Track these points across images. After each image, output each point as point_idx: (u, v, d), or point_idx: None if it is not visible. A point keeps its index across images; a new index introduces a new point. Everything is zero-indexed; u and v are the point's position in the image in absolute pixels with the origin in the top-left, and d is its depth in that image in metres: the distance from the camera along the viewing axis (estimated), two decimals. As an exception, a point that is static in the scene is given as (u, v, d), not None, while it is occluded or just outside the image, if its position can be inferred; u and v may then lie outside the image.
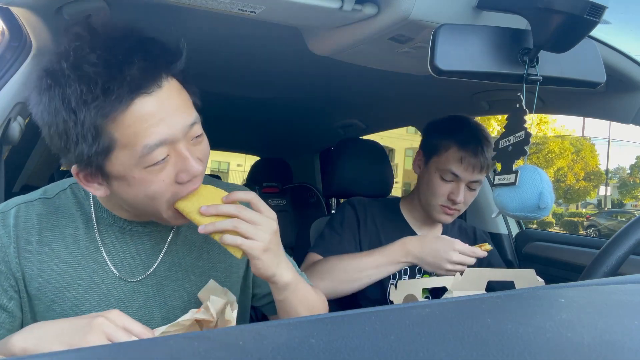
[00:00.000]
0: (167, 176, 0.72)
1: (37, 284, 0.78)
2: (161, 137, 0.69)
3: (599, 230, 18.13)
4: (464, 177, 1.30)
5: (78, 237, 0.82)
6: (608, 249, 0.82)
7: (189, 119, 0.72)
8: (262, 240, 0.76)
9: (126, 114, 0.66)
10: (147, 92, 0.67)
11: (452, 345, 0.34)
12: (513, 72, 0.88)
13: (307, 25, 1.08)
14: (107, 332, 0.63)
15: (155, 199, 0.74)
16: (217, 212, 0.75)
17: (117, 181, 0.73)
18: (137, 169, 0.70)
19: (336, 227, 1.38)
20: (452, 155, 1.30)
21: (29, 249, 0.79)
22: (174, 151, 0.71)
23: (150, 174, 0.71)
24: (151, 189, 0.72)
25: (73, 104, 0.65)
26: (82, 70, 0.65)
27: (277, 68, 1.55)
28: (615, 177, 27.75)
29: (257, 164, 3.06)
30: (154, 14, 1.09)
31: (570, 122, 26.29)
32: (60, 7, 0.92)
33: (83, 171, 0.72)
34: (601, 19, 0.77)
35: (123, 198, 0.76)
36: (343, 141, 1.76)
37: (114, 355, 0.33)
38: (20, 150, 2.04)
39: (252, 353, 0.32)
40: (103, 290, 0.81)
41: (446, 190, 1.31)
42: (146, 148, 0.68)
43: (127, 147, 0.68)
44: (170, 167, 0.72)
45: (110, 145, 0.68)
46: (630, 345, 0.37)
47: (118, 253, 0.83)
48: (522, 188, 0.89)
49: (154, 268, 0.85)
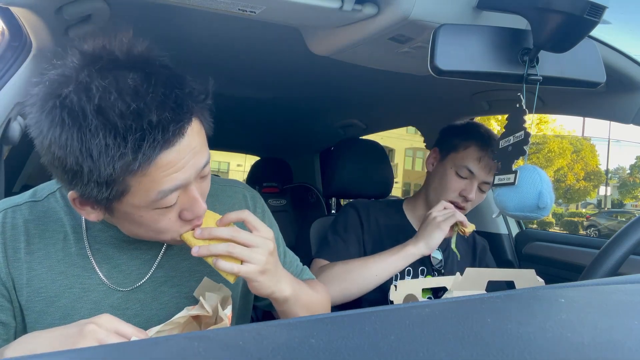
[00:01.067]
0: (174, 215, 0.71)
1: (26, 294, 0.75)
2: (177, 183, 0.66)
3: (599, 230, 18.13)
4: (478, 176, 1.33)
5: (68, 243, 0.78)
6: (608, 249, 0.82)
7: (203, 161, 0.70)
8: (259, 262, 0.73)
9: (150, 168, 0.63)
10: (172, 144, 0.64)
11: (452, 345, 0.34)
12: (513, 72, 0.88)
13: (307, 25, 1.08)
14: (99, 338, 0.61)
15: (157, 233, 0.73)
16: (210, 235, 0.73)
17: (119, 216, 0.70)
18: (146, 210, 0.68)
19: (340, 231, 1.38)
20: (472, 154, 1.34)
21: (17, 257, 0.76)
22: (184, 193, 0.70)
23: (157, 214, 0.69)
24: (156, 226, 0.71)
25: (95, 154, 0.60)
26: (108, 120, 0.59)
27: (277, 68, 1.55)
28: (615, 177, 27.76)
29: (257, 164, 3.06)
30: (154, 14, 1.09)
31: (570, 122, 26.31)
32: (60, 7, 0.92)
33: (81, 199, 0.68)
34: (601, 19, 0.77)
35: (122, 226, 0.74)
36: (343, 141, 1.77)
37: (114, 355, 0.33)
38: (20, 150, 2.03)
39: (252, 353, 0.32)
40: (95, 298, 0.78)
41: (459, 187, 1.34)
42: (160, 194, 0.66)
43: (141, 192, 0.65)
44: (177, 207, 0.71)
45: (124, 191, 0.65)
46: (630, 345, 0.37)
47: (110, 260, 0.80)
48: (522, 188, 0.89)
49: (150, 274, 0.83)
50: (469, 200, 1.33)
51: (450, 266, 1.40)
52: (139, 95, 0.60)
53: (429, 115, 1.89)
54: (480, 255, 1.50)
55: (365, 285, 1.21)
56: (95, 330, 0.62)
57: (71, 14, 0.95)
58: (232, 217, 0.76)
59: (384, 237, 1.38)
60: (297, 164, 3.03)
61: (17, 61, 1.03)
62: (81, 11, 0.96)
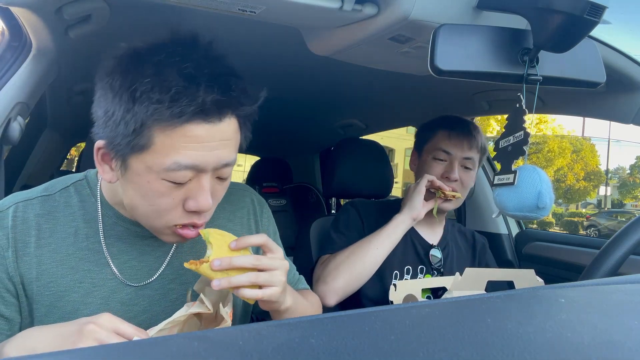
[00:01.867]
0: (177, 197, 0.71)
1: (35, 288, 0.75)
2: (194, 161, 0.68)
3: (599, 230, 18.13)
4: (455, 154, 1.35)
5: (78, 238, 0.79)
6: (608, 249, 0.82)
7: (227, 159, 0.71)
8: (280, 284, 0.74)
9: (176, 129, 0.65)
10: (206, 119, 0.66)
11: (452, 345, 0.34)
12: (513, 72, 0.88)
13: (307, 25, 1.08)
14: (98, 338, 0.61)
15: (155, 212, 0.72)
16: (230, 266, 0.69)
17: (131, 177, 0.71)
18: (156, 177, 0.69)
19: (341, 228, 1.39)
20: (441, 135, 1.38)
21: (26, 251, 0.76)
22: (196, 178, 0.70)
23: (164, 187, 0.69)
24: (158, 200, 0.71)
25: (137, 93, 0.64)
26: (163, 72, 0.65)
27: (277, 68, 1.55)
28: (615, 177, 27.76)
29: (257, 164, 3.06)
30: (154, 14, 1.09)
31: (570, 122, 26.30)
32: (60, 7, 0.92)
33: (105, 150, 0.71)
34: (601, 19, 0.77)
35: (126, 195, 0.74)
36: (343, 141, 1.76)
37: (114, 355, 0.33)
38: (20, 150, 2.04)
39: (252, 353, 0.32)
40: (104, 293, 0.78)
41: (440, 169, 1.36)
42: (175, 164, 0.67)
43: (159, 154, 0.67)
44: (185, 190, 0.71)
45: (145, 145, 0.67)
46: (630, 345, 0.37)
47: (121, 254, 0.81)
48: (521, 188, 0.89)
49: (161, 272, 0.83)
50: (453, 180, 1.34)
51: (450, 265, 1.40)
52: (200, 67, 0.66)
53: (429, 115, 1.89)
54: (480, 254, 1.50)
55: (368, 262, 1.25)
56: (94, 330, 0.62)
57: (71, 14, 0.95)
58: (251, 240, 0.74)
59: None
60: (297, 164, 3.03)
61: (17, 61, 1.03)
62: (81, 11, 0.96)
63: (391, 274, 1.32)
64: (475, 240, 1.52)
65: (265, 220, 0.97)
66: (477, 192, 1.98)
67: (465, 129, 1.38)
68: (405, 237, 1.39)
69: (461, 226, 1.57)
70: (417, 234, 1.41)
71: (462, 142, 1.35)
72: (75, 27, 1.02)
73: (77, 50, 1.16)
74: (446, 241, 1.44)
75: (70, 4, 0.92)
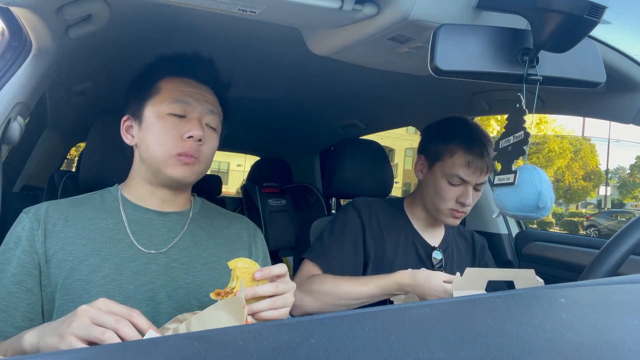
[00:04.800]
0: (177, 133, 0.96)
1: (60, 255, 0.90)
2: (187, 99, 0.98)
3: (599, 230, 18.12)
4: (471, 181, 1.30)
5: (101, 220, 0.96)
6: (608, 249, 0.82)
7: (209, 108, 1.02)
8: (291, 304, 0.81)
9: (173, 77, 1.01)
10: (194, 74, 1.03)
11: (452, 345, 0.34)
12: (513, 72, 0.88)
13: (307, 25, 1.08)
14: (90, 316, 0.66)
15: (163, 146, 0.95)
16: (255, 295, 0.77)
17: (146, 128, 0.97)
18: (161, 118, 0.96)
19: (337, 232, 1.36)
20: (459, 161, 1.30)
21: (55, 230, 0.92)
22: (189, 117, 0.98)
23: (168, 125, 0.96)
24: (164, 137, 0.95)
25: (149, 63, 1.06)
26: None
27: (277, 68, 1.55)
28: (615, 177, 27.75)
29: (257, 164, 3.06)
30: (154, 15, 1.09)
31: (570, 122, 26.29)
32: (60, 7, 0.92)
33: (129, 114, 1.02)
34: (601, 19, 0.77)
35: (144, 147, 0.97)
36: (343, 141, 1.76)
37: (114, 355, 0.33)
38: (20, 150, 2.04)
39: (252, 353, 0.32)
40: (118, 262, 0.92)
41: (455, 195, 1.31)
42: (173, 100, 0.97)
43: (163, 97, 0.98)
44: (181, 128, 0.96)
45: (154, 93, 0.99)
46: (630, 345, 0.37)
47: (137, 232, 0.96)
48: (521, 188, 0.89)
49: (166, 249, 0.97)
50: (468, 205, 1.32)
51: (450, 266, 1.40)
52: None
53: (429, 115, 1.89)
54: (479, 254, 1.50)
55: (346, 307, 1.23)
56: (88, 309, 0.67)
57: (71, 14, 0.95)
58: (274, 272, 0.81)
59: (385, 235, 1.38)
60: (297, 164, 3.03)
61: (17, 61, 1.02)
62: (81, 11, 0.96)
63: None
64: (475, 241, 1.52)
65: (259, 243, 1.13)
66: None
67: (482, 149, 1.30)
68: (407, 239, 1.39)
69: (460, 227, 1.57)
70: (419, 236, 1.41)
71: (481, 170, 1.30)
72: (75, 27, 1.02)
73: (77, 50, 1.16)
74: (447, 243, 1.44)
75: (70, 4, 0.92)
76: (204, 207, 1.10)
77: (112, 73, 1.50)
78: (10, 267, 0.88)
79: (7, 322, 0.84)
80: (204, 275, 0.98)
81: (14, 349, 0.74)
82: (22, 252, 0.89)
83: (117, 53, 1.32)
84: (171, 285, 0.94)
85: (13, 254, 0.89)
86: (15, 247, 0.90)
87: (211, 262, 1.00)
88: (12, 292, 0.86)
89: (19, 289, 0.87)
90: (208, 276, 0.98)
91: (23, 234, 0.91)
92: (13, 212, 1.02)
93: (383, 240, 1.37)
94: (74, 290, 0.87)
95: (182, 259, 0.97)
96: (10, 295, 0.86)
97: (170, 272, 0.95)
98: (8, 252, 0.90)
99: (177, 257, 0.97)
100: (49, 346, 0.67)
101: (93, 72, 1.50)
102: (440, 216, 1.36)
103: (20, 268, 0.88)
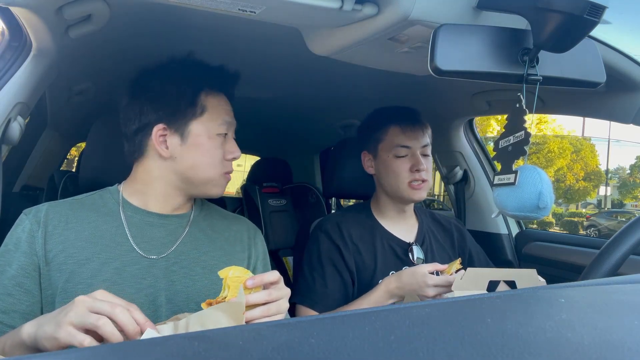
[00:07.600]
0: (222, 152, 0.99)
1: (61, 258, 0.89)
2: (228, 119, 1.01)
3: (599, 230, 18.11)
4: (414, 145, 1.35)
5: (102, 223, 0.95)
6: (608, 249, 0.82)
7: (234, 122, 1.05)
8: (285, 310, 0.80)
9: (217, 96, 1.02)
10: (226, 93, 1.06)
11: (452, 345, 0.34)
12: (513, 72, 0.88)
13: (307, 25, 1.08)
14: (87, 305, 0.67)
15: (214, 168, 0.98)
16: (247, 303, 0.75)
17: (190, 144, 0.96)
18: (212, 139, 0.97)
19: (315, 264, 1.34)
20: (394, 132, 1.37)
21: (55, 232, 0.92)
22: (229, 135, 1.02)
23: (217, 145, 0.98)
24: (215, 159, 0.98)
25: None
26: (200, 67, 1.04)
27: (277, 68, 1.55)
28: (615, 177, 27.75)
29: (257, 164, 3.05)
30: (154, 15, 1.09)
31: (570, 122, 26.30)
32: (60, 7, 0.92)
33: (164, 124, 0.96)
34: (601, 19, 0.77)
35: (189, 165, 0.97)
36: (343, 141, 1.76)
37: (114, 355, 0.33)
38: (20, 150, 2.04)
39: (252, 353, 0.32)
40: (118, 265, 0.91)
41: (406, 166, 1.34)
42: (220, 120, 0.99)
43: (211, 115, 0.98)
44: (223, 147, 1.00)
45: (202, 111, 0.97)
46: (630, 345, 0.37)
47: (137, 236, 0.96)
48: (522, 188, 0.89)
49: (166, 254, 0.96)
50: (423, 171, 1.33)
51: (432, 259, 1.37)
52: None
53: (429, 115, 1.89)
54: (458, 241, 1.47)
55: None
56: (86, 299, 0.68)
57: (71, 14, 0.95)
58: (266, 279, 0.79)
59: (360, 248, 1.35)
60: (297, 164, 3.03)
61: (17, 61, 1.02)
62: (81, 11, 0.96)
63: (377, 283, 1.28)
64: (452, 228, 1.49)
65: (259, 244, 1.12)
66: (477, 192, 1.97)
67: (414, 117, 1.38)
68: (382, 243, 1.36)
69: (434, 213, 1.55)
70: (391, 235, 1.38)
71: (417, 133, 1.35)
72: (75, 27, 1.02)
73: (77, 50, 1.16)
74: (423, 235, 1.41)
75: (70, 4, 0.92)
76: (204, 209, 1.10)
77: (112, 73, 1.50)
78: (10, 269, 0.88)
79: (5, 324, 0.84)
80: (203, 279, 0.98)
81: (12, 341, 0.75)
82: (21, 254, 0.89)
83: (117, 53, 1.32)
84: (170, 289, 0.94)
85: (13, 256, 0.89)
86: (15, 249, 0.90)
87: (210, 266, 1.00)
88: (12, 294, 0.87)
89: (19, 290, 0.87)
90: (207, 280, 0.98)
91: (23, 235, 0.91)
92: (13, 212, 1.02)
93: (360, 253, 1.34)
94: (74, 293, 0.86)
95: (181, 262, 0.98)
96: (9, 297, 0.86)
97: (170, 275, 0.95)
98: (8, 254, 0.90)
99: (176, 260, 0.97)
100: (46, 334, 0.67)
101: (93, 72, 1.50)
102: (402, 194, 1.35)
103: (20, 270, 0.88)
